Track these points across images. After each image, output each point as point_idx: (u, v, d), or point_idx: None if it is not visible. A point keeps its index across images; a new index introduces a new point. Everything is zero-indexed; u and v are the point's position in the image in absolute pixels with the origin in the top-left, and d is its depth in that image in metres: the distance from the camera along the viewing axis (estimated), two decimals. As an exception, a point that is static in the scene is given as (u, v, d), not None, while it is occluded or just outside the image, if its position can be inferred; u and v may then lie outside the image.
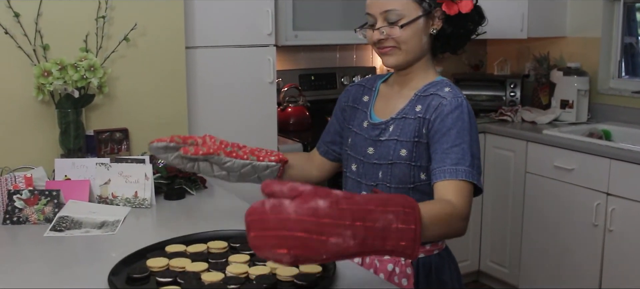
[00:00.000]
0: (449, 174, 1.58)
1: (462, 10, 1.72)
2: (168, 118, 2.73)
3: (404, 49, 1.72)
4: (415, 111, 1.74)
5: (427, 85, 1.77)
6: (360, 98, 1.91)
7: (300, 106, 3.74)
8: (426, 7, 1.71)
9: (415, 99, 1.76)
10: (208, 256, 1.64)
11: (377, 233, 1.15)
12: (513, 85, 4.29)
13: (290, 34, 3.47)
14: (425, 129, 1.70)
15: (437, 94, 1.71)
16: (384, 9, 1.71)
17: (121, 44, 2.54)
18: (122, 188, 2.19)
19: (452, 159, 1.60)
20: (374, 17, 1.73)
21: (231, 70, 3.12)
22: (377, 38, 1.73)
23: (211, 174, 1.85)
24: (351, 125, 1.89)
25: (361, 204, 1.15)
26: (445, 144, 1.63)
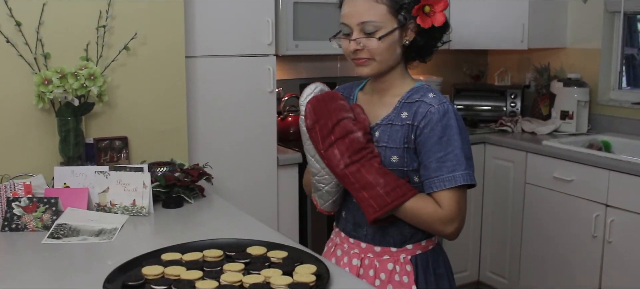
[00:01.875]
0: (449, 182, 1.69)
1: (436, 23, 1.74)
2: (168, 127, 2.75)
3: (378, 60, 1.74)
4: (401, 117, 1.76)
5: (409, 92, 1.80)
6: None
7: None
8: (402, 19, 1.73)
9: (399, 106, 1.78)
10: (203, 265, 1.65)
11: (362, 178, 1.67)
12: (513, 96, 4.30)
13: (291, 44, 3.48)
14: (413, 135, 1.74)
15: (423, 100, 1.75)
16: (361, 20, 1.72)
17: (121, 53, 2.56)
18: (121, 196, 2.20)
19: (448, 167, 1.69)
20: (350, 27, 1.74)
21: (231, 80, 3.13)
22: (354, 48, 1.74)
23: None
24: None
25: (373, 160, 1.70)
26: (439, 153, 1.70)
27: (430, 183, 1.70)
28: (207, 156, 2.95)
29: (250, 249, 1.74)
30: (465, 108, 4.34)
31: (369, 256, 1.84)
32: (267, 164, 3.27)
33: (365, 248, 1.84)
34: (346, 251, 1.89)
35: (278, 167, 3.30)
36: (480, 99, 4.38)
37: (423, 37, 1.77)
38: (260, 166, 3.25)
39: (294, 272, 1.59)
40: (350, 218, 1.88)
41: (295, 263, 1.65)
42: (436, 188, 1.69)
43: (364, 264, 1.84)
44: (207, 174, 2.47)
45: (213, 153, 3.02)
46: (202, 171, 2.45)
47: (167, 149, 2.72)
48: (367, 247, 1.84)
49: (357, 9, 1.72)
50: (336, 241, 1.95)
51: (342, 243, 1.91)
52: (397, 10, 1.72)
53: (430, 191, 1.70)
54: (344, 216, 1.90)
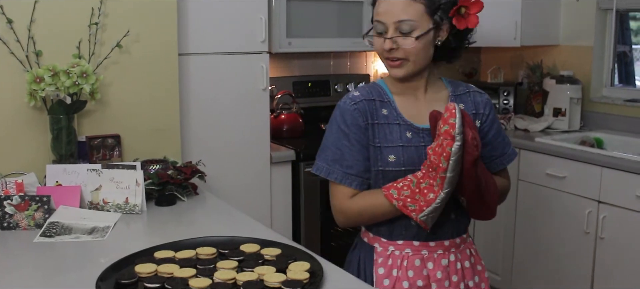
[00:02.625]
0: (513, 155, 1.95)
1: (470, 25, 1.75)
2: (160, 125, 2.74)
3: (412, 60, 1.73)
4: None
5: (450, 86, 1.88)
6: (378, 113, 1.79)
7: (293, 113, 3.75)
8: (437, 19, 1.72)
9: (454, 99, 1.85)
10: (196, 262, 1.64)
11: (480, 194, 1.72)
12: (506, 93, 4.31)
13: (284, 41, 3.48)
14: (479, 122, 1.85)
15: (472, 91, 1.89)
16: (398, 19, 1.70)
17: (114, 50, 2.55)
18: (113, 194, 2.19)
19: (508, 144, 1.94)
20: (385, 26, 1.72)
21: (224, 78, 3.13)
22: (389, 47, 1.72)
23: None
24: (384, 142, 1.77)
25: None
26: (502, 133, 1.92)
27: (502, 160, 1.91)
28: (200, 153, 2.94)
29: (244, 246, 1.74)
30: (458, 105, 4.34)
31: (453, 250, 1.84)
32: (261, 162, 3.27)
33: (448, 244, 1.83)
34: (428, 256, 1.81)
35: (271, 165, 3.30)
36: (473, 96, 4.37)
37: (456, 38, 1.77)
38: (253, 163, 3.24)
39: (288, 269, 1.59)
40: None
41: (288, 260, 1.65)
42: (507, 163, 1.92)
43: (450, 261, 1.83)
44: (200, 171, 2.46)
45: (206, 151, 3.02)
46: (195, 169, 2.45)
47: (160, 147, 2.71)
48: (450, 243, 1.83)
49: (394, 8, 1.70)
50: (407, 254, 1.80)
51: (419, 251, 1.80)
52: (434, 10, 1.71)
53: (502, 166, 1.92)
54: (414, 224, 1.76)
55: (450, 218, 1.81)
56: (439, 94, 1.85)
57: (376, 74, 4.34)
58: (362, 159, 1.77)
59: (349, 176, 1.77)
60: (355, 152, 1.76)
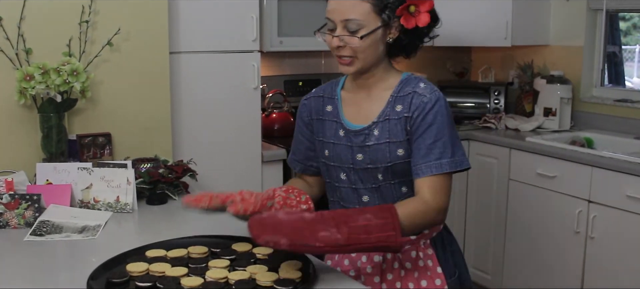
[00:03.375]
0: (435, 169, 1.70)
1: (420, 24, 1.73)
2: (151, 123, 2.73)
3: (360, 57, 1.74)
4: (396, 111, 1.77)
5: (399, 84, 1.80)
6: (322, 109, 1.89)
7: (284, 112, 3.74)
8: (385, 18, 1.73)
9: (392, 100, 1.79)
10: (188, 261, 1.64)
11: (360, 228, 1.50)
12: (497, 92, 4.32)
13: (275, 40, 3.47)
14: (409, 126, 1.75)
15: (415, 91, 1.77)
16: (345, 18, 1.72)
17: (104, 48, 2.54)
18: (104, 193, 2.18)
19: (435, 153, 1.71)
20: (334, 23, 1.74)
21: (215, 76, 3.12)
22: (336, 45, 1.74)
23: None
24: (323, 137, 1.88)
25: (341, 211, 1.57)
26: (428, 140, 1.72)
27: (417, 169, 1.72)
28: (191, 152, 2.93)
29: (236, 245, 1.74)
30: (449, 105, 4.34)
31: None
32: (252, 161, 3.26)
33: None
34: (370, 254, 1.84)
35: (262, 164, 3.29)
36: (464, 95, 4.39)
37: (407, 35, 1.77)
38: (244, 162, 3.24)
39: (280, 268, 1.59)
40: None
41: (280, 259, 1.65)
42: (423, 174, 1.71)
43: (386, 258, 1.83)
44: (192, 170, 2.45)
45: (197, 149, 3.01)
46: (187, 168, 2.44)
47: (151, 146, 2.70)
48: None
49: (342, 6, 1.72)
50: None
51: None
52: (382, 8, 1.72)
53: (417, 177, 1.72)
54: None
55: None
56: (383, 93, 1.81)
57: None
58: (303, 149, 1.96)
59: (293, 161, 2.01)
60: (298, 142, 1.98)
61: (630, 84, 4.38)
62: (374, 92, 1.82)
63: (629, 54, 4.44)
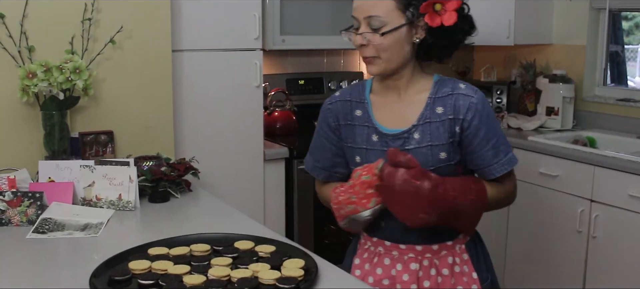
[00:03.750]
0: (507, 165, 1.76)
1: (445, 22, 1.69)
2: (153, 121, 2.73)
3: (384, 57, 1.70)
4: (437, 113, 1.73)
5: (435, 86, 1.77)
6: (350, 113, 1.82)
7: (287, 110, 3.74)
8: (409, 16, 1.69)
9: (431, 102, 1.75)
10: (190, 259, 1.64)
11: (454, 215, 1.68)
12: (499, 91, 4.31)
13: (278, 39, 3.47)
14: (458, 128, 1.72)
15: (457, 93, 1.74)
16: (368, 14, 1.69)
17: (107, 46, 2.54)
18: (106, 191, 2.18)
19: (502, 151, 1.75)
20: (358, 21, 1.72)
21: (218, 74, 3.12)
22: (359, 43, 1.71)
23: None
24: (353, 143, 1.81)
25: (449, 192, 1.65)
26: (493, 140, 1.74)
27: (491, 170, 1.75)
28: (193, 150, 2.93)
29: (238, 243, 1.74)
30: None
31: (428, 256, 1.79)
32: (254, 159, 3.26)
33: (422, 249, 1.79)
34: (398, 258, 1.81)
35: (264, 162, 3.29)
36: (466, 94, 4.38)
37: (433, 35, 1.72)
38: (246, 160, 3.24)
39: (282, 266, 1.59)
40: (396, 225, 1.75)
41: (283, 257, 1.65)
42: (499, 173, 1.75)
43: (422, 265, 1.79)
44: (194, 168, 2.46)
45: (199, 148, 3.01)
46: (189, 166, 2.44)
47: (154, 144, 2.70)
48: (424, 248, 1.79)
49: (365, 4, 1.69)
50: (379, 251, 1.84)
51: (390, 251, 1.82)
52: (406, 6, 1.68)
53: (492, 177, 1.76)
54: (384, 225, 1.80)
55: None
56: (418, 96, 1.77)
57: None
58: (330, 156, 1.88)
59: (316, 168, 1.92)
60: (323, 148, 1.89)
61: (633, 84, 4.38)
62: (407, 95, 1.78)
63: (631, 54, 4.43)
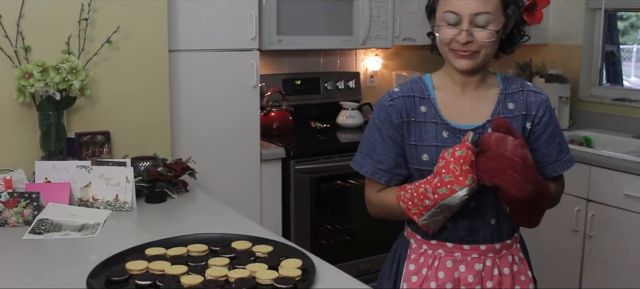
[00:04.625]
0: (569, 164, 1.82)
1: (537, 22, 1.75)
2: (150, 121, 2.73)
3: (483, 53, 1.70)
4: (509, 109, 1.75)
5: (503, 82, 1.80)
6: (415, 110, 1.75)
7: (283, 110, 3.74)
8: (509, 13, 1.71)
9: (503, 98, 1.77)
10: (188, 259, 1.64)
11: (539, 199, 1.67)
12: (495, 91, 4.32)
13: (274, 39, 3.47)
14: (529, 124, 1.76)
15: (528, 90, 1.79)
16: (475, 11, 1.66)
17: (104, 46, 2.53)
18: (103, 191, 2.18)
19: (565, 150, 1.81)
20: (459, 17, 1.67)
21: (214, 74, 3.11)
22: (465, 39, 1.67)
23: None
24: (419, 141, 1.74)
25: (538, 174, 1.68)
26: (558, 137, 1.80)
27: (554, 167, 1.79)
28: (190, 150, 2.93)
29: (235, 243, 1.74)
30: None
31: (490, 256, 1.77)
32: (250, 159, 3.26)
33: (485, 249, 1.76)
34: (461, 259, 1.76)
35: (261, 162, 3.29)
36: (463, 94, 4.39)
37: (518, 32, 1.77)
38: (243, 160, 3.23)
39: (280, 266, 1.59)
40: (462, 225, 1.75)
41: (280, 257, 1.65)
42: (561, 171, 1.80)
43: (485, 266, 1.76)
44: (191, 169, 2.45)
45: (196, 148, 3.00)
46: (186, 166, 2.44)
47: (150, 144, 2.70)
48: (487, 247, 1.76)
49: (472, 2, 1.67)
50: (439, 254, 1.77)
51: (452, 253, 1.76)
52: (507, 4, 1.70)
53: (555, 174, 1.79)
54: (449, 225, 1.75)
55: (489, 223, 1.76)
56: (489, 91, 1.78)
57: (366, 71, 4.34)
58: (394, 155, 1.76)
59: (379, 171, 1.77)
60: (387, 148, 1.76)
61: (628, 83, 4.39)
62: (478, 90, 1.77)
63: (626, 54, 4.45)
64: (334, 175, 3.48)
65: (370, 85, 4.37)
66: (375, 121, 1.79)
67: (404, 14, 3.97)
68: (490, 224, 1.76)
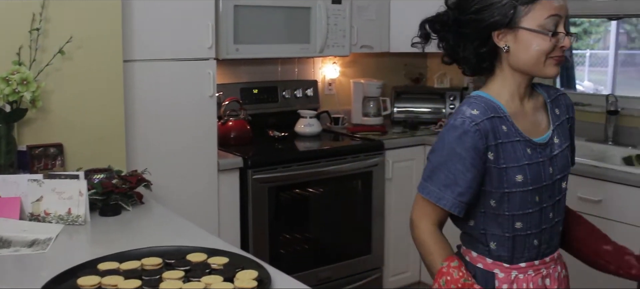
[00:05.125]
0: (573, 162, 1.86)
1: None
2: (105, 133, 2.69)
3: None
4: (557, 114, 1.77)
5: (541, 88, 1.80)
6: (499, 131, 1.64)
7: (241, 119, 3.72)
8: None
9: (551, 105, 1.77)
10: (142, 273, 1.61)
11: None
12: (452, 97, 4.37)
13: (231, 48, 3.45)
14: (569, 126, 1.81)
15: (560, 93, 1.81)
16: (568, 13, 1.65)
17: (56, 57, 2.49)
18: (55, 205, 2.14)
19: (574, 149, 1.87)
20: (561, 19, 1.62)
21: (171, 84, 3.08)
22: (568, 44, 1.63)
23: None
24: (512, 162, 1.64)
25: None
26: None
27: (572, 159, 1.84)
28: (146, 162, 2.89)
29: (191, 256, 1.72)
30: (405, 111, 4.39)
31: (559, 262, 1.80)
32: (208, 170, 3.23)
33: (557, 256, 1.79)
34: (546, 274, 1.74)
35: (219, 173, 3.27)
36: (420, 101, 4.43)
37: None
38: (200, 171, 3.21)
39: (235, 278, 1.58)
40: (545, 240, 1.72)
41: (236, 269, 1.64)
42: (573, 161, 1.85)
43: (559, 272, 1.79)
44: (146, 180, 2.42)
45: (152, 159, 2.97)
46: (141, 178, 2.41)
47: (104, 156, 2.65)
48: (557, 254, 1.80)
49: (565, 4, 1.63)
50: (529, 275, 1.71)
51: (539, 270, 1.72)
52: None
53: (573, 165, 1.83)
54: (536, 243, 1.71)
55: (559, 230, 1.77)
56: (538, 101, 1.76)
57: (324, 79, 4.35)
58: (475, 185, 1.64)
59: (460, 204, 1.64)
60: (470, 179, 1.62)
61: (581, 88, 4.49)
62: (531, 101, 1.74)
63: (579, 58, 4.55)
64: (293, 184, 3.47)
65: (328, 93, 4.38)
66: (455, 149, 1.62)
67: (361, 21, 3.99)
68: (559, 230, 1.78)
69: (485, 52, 1.67)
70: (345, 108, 4.42)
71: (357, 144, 3.80)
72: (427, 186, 1.66)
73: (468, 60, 1.71)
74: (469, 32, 1.67)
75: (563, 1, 1.62)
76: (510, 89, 1.70)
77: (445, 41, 1.75)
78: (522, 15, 1.61)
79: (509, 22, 1.61)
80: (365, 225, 3.76)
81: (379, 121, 4.28)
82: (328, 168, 3.56)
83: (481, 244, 1.73)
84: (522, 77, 1.68)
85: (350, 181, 3.69)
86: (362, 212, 3.75)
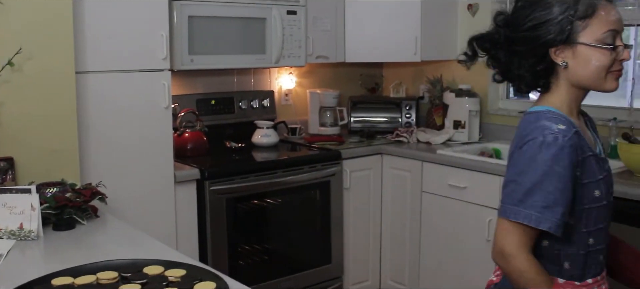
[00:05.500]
0: None
1: None
2: (57, 145, 2.64)
3: None
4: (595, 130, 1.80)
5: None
6: (582, 145, 1.61)
7: (197, 131, 3.69)
8: None
9: (589, 122, 1.80)
10: (97, 288, 1.58)
11: None
12: (408, 107, 4.41)
13: (186, 59, 3.42)
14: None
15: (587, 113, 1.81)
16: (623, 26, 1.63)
17: (5, 69, 2.44)
18: (6, 220, 2.09)
19: None
20: (618, 33, 1.60)
21: (125, 96, 3.04)
22: (628, 57, 1.61)
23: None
24: (591, 177, 1.62)
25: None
26: None
27: None
28: (100, 174, 2.84)
29: (147, 269, 1.69)
30: (361, 120, 4.41)
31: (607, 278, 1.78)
32: (164, 181, 3.19)
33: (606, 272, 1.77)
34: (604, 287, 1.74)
35: (175, 184, 3.23)
36: (377, 111, 4.46)
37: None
38: (156, 183, 3.17)
39: (193, 290, 1.55)
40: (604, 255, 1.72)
41: (194, 280, 1.62)
42: None
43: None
44: (101, 193, 2.38)
45: (107, 172, 2.92)
46: (95, 191, 2.36)
47: (57, 169, 2.60)
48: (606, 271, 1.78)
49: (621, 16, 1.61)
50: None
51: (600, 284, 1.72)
52: None
53: None
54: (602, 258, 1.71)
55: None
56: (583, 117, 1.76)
57: (280, 90, 4.34)
58: (570, 202, 1.58)
59: (563, 224, 1.56)
60: (569, 197, 1.56)
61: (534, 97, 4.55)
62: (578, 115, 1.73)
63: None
64: (251, 194, 3.45)
65: (285, 103, 4.38)
66: (553, 167, 1.54)
67: (316, 32, 4.00)
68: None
69: (542, 69, 1.65)
70: (302, 118, 4.42)
71: (314, 154, 3.80)
72: (520, 211, 1.56)
73: (523, 77, 1.69)
74: (523, 50, 1.65)
75: (619, 14, 1.61)
76: (568, 103, 1.67)
77: (496, 60, 1.73)
78: (580, 30, 1.59)
79: (566, 38, 1.59)
80: (324, 235, 3.76)
81: (336, 131, 4.29)
82: (286, 178, 3.55)
83: (553, 265, 1.66)
84: (579, 92, 1.67)
85: (308, 191, 3.69)
86: (321, 222, 3.75)
